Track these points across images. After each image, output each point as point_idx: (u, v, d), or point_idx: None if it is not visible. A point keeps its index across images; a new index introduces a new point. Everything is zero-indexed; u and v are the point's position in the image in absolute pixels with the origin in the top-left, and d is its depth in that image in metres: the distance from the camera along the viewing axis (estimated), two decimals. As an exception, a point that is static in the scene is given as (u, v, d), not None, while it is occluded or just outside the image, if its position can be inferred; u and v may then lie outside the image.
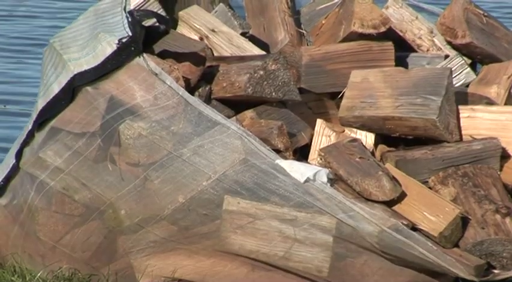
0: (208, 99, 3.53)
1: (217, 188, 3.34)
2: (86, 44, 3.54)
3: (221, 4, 3.97)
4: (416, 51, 3.89)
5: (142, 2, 3.76)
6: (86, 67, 3.47)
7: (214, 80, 3.62)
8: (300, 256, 3.40)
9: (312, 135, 3.58)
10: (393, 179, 3.34)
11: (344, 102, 3.59)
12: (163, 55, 3.57)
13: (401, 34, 3.86)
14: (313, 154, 3.51)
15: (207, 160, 3.35)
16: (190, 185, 3.37)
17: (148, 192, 3.43)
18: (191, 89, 3.49)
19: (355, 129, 3.57)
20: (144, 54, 3.44)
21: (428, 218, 3.32)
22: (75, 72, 3.46)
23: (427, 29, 3.92)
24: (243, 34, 3.82)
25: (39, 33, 7.20)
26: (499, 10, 6.71)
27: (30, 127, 3.61)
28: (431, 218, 3.32)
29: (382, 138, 3.58)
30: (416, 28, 3.95)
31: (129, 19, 3.50)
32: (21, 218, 3.64)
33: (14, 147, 3.71)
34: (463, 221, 3.35)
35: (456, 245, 3.38)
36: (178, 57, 3.59)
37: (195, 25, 3.78)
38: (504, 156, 3.51)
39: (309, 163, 3.47)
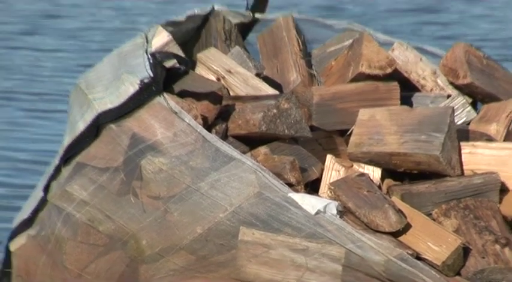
0: (224, 136, 3.53)
1: (233, 220, 3.36)
2: (110, 84, 3.57)
3: (237, 47, 3.96)
4: (420, 91, 3.90)
5: (163, 45, 3.72)
6: (109, 106, 3.50)
7: (230, 118, 3.62)
8: (311, 279, 3.39)
9: (322, 170, 3.58)
10: (399, 211, 3.35)
11: (352, 139, 3.60)
12: (183, 94, 3.57)
13: (406, 75, 3.89)
14: (324, 188, 3.52)
15: (223, 193, 3.37)
16: (208, 217, 3.38)
17: (168, 224, 3.44)
18: (208, 126, 3.50)
19: (363, 165, 3.57)
20: (165, 94, 3.47)
21: (432, 248, 3.32)
22: (100, 111, 3.49)
23: (430, 70, 3.93)
24: (258, 75, 3.83)
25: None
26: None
27: (57, 163, 3.61)
28: (434, 248, 3.32)
29: (389, 172, 3.57)
30: (420, 69, 3.96)
31: (151, 61, 3.53)
32: (48, 247, 3.62)
33: (42, 182, 3.71)
34: (465, 251, 3.35)
35: (458, 274, 3.36)
36: (197, 96, 3.58)
37: (213, 66, 3.77)
38: (503, 189, 3.52)
39: (319, 196, 3.46)
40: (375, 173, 3.54)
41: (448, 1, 7.12)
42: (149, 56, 3.54)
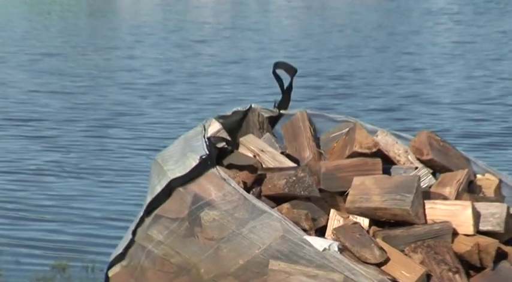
0: (259, 196, 3.61)
1: (264, 254, 3.41)
2: (179, 160, 3.66)
3: (267, 133, 4.02)
4: (396, 164, 3.94)
5: (215, 132, 3.81)
6: (178, 175, 3.59)
7: (263, 183, 3.68)
8: None
9: (327, 220, 3.61)
10: (381, 248, 3.42)
11: (348, 198, 3.63)
12: (230, 166, 3.67)
13: (386, 153, 3.93)
14: (329, 232, 3.56)
15: (258, 236, 3.44)
16: (247, 252, 3.44)
17: (219, 257, 3.50)
18: (247, 189, 3.59)
19: (356, 216, 3.61)
20: (217, 166, 3.56)
21: (405, 274, 3.37)
22: (171, 178, 3.59)
23: (403, 149, 3.97)
24: (282, 153, 3.89)
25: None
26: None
27: (141, 214, 3.69)
28: (406, 275, 3.37)
29: (374, 221, 3.58)
30: (396, 149, 3.99)
31: (207, 143, 3.62)
32: (135, 274, 3.70)
33: (131, 228, 3.76)
34: (428, 277, 3.40)
35: None
36: (239, 168, 3.69)
37: (251, 147, 3.87)
38: (454, 233, 3.55)
39: (325, 238, 3.50)
40: (364, 221, 3.59)
41: (410, 105, 7.29)
42: (206, 140, 3.64)
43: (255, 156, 3.83)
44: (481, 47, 10.18)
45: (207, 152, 3.57)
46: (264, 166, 3.80)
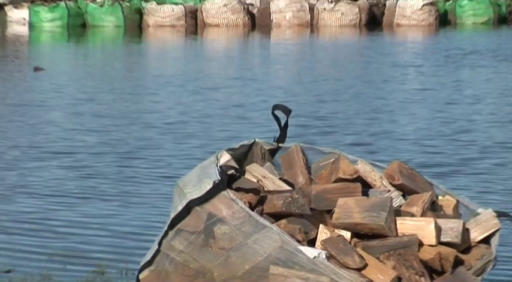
0: (261, 213, 3.60)
1: (266, 261, 3.44)
2: (196, 184, 3.65)
3: (268, 163, 4.01)
4: (372, 188, 3.94)
5: (226, 161, 3.80)
6: (195, 196, 3.59)
7: (265, 203, 3.68)
8: None
9: (317, 233, 3.61)
10: (360, 256, 3.46)
11: (334, 215, 3.62)
12: (238, 190, 3.66)
13: (365, 179, 3.91)
14: (318, 243, 3.55)
15: (260, 246, 3.47)
16: (252, 259, 3.47)
17: (229, 263, 3.52)
18: (252, 208, 3.59)
19: (340, 230, 3.61)
20: (227, 189, 3.58)
21: (380, 277, 3.43)
22: (190, 199, 3.60)
23: (379, 176, 3.95)
24: (280, 179, 3.89)
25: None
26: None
27: (165, 229, 3.68)
28: (381, 277, 3.43)
29: (355, 234, 3.60)
30: (373, 175, 3.97)
31: (219, 170, 3.62)
32: (161, 277, 3.69)
33: (157, 240, 3.74)
34: (399, 279, 3.44)
35: None
36: (245, 191, 3.68)
37: (254, 174, 3.85)
38: (420, 244, 3.56)
39: (315, 248, 3.51)
40: (347, 234, 3.60)
41: (381, 140, 7.34)
42: (218, 168, 3.65)
43: (258, 181, 3.83)
44: (439, 93, 10.33)
45: (219, 178, 3.57)
46: (265, 189, 3.80)
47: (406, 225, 3.63)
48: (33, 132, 8.77)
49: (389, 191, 3.88)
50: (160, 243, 3.70)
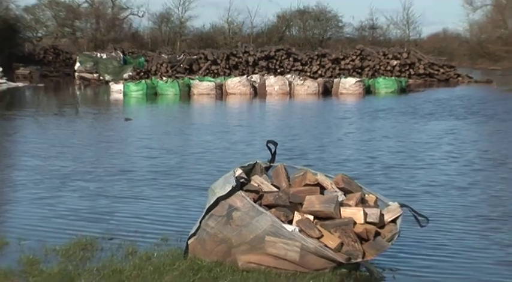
0: (260, 205, 3.57)
1: (263, 233, 3.42)
2: (221, 187, 3.60)
3: (264, 175, 3.94)
4: (326, 189, 3.85)
5: (240, 174, 3.74)
6: (221, 195, 3.55)
7: (263, 198, 3.67)
8: (290, 254, 3.43)
9: (293, 217, 3.55)
10: (319, 230, 3.45)
11: (303, 206, 3.61)
12: (246, 191, 3.64)
13: (322, 184, 3.86)
14: (294, 222, 3.52)
15: (260, 224, 3.44)
16: (255, 232, 3.45)
17: (241, 234, 3.50)
18: (255, 201, 3.56)
19: (307, 215, 3.55)
20: (240, 190, 3.56)
21: (330, 242, 3.43)
22: (218, 196, 3.56)
23: (330, 182, 3.88)
24: (272, 184, 3.83)
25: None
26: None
27: (203, 214, 3.64)
28: (331, 243, 3.43)
29: (316, 217, 3.56)
30: (326, 182, 3.88)
31: (235, 179, 3.60)
32: (200, 242, 3.66)
33: (198, 220, 3.67)
34: (342, 244, 3.39)
35: (339, 251, 3.44)
36: (251, 191, 3.67)
37: (256, 181, 3.82)
38: (354, 223, 3.54)
39: (292, 225, 3.48)
40: (311, 217, 3.55)
41: (331, 163, 7.32)
42: (235, 177, 3.61)
43: (258, 185, 3.81)
44: (362, 135, 10.44)
45: (236, 184, 3.57)
46: (263, 190, 3.77)
47: (346, 212, 3.66)
48: (123, 156, 8.12)
49: (336, 191, 3.87)
50: (200, 222, 3.71)
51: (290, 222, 3.56)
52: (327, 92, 19.47)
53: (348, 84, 19.48)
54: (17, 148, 8.72)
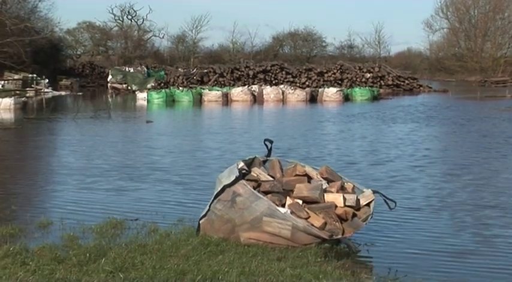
0: (258, 192, 3.52)
1: (261, 215, 3.37)
2: (227, 177, 3.54)
3: (262, 167, 3.84)
4: (313, 179, 3.78)
5: (242, 166, 3.64)
6: (227, 183, 3.50)
7: (261, 186, 3.63)
8: (283, 231, 3.37)
9: (286, 201, 3.51)
10: (307, 212, 3.41)
11: (294, 192, 3.56)
12: (247, 180, 3.58)
13: (309, 174, 3.79)
14: (286, 206, 3.46)
15: (258, 207, 3.39)
16: (253, 214, 3.40)
17: (243, 216, 3.43)
18: (254, 188, 3.53)
19: (297, 200, 3.50)
20: (242, 180, 3.51)
21: (316, 222, 3.38)
22: (224, 184, 3.51)
23: (315, 173, 3.75)
24: (268, 174, 3.75)
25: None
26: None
27: (212, 199, 3.57)
28: (317, 222, 3.38)
29: (305, 202, 3.50)
30: (313, 173, 3.80)
31: (238, 170, 3.54)
32: (210, 222, 3.59)
33: (208, 204, 3.59)
34: (325, 224, 3.37)
35: (323, 229, 3.39)
36: (251, 181, 3.61)
37: (256, 172, 3.73)
38: (336, 206, 3.49)
39: (285, 208, 3.43)
40: (300, 202, 3.52)
41: (316, 156, 7.13)
42: (238, 169, 3.57)
43: (257, 176, 3.76)
44: (339, 135, 10.18)
45: (238, 174, 3.54)
46: (261, 180, 3.74)
47: (328, 197, 3.62)
48: (144, 154, 7.86)
49: (320, 180, 3.84)
50: (210, 206, 3.66)
51: (283, 205, 3.54)
52: (313, 99, 20.00)
53: (330, 93, 20.11)
54: (62, 145, 8.66)
